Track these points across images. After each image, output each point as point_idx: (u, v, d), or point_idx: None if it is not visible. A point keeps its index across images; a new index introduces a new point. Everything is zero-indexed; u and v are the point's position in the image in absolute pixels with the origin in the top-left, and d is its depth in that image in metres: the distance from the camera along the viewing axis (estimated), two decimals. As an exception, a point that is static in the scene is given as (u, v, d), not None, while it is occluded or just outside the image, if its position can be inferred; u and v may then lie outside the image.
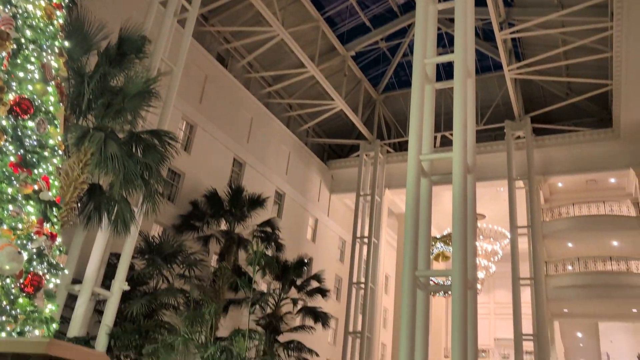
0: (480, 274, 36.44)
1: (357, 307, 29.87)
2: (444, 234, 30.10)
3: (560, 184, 32.89)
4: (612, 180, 31.86)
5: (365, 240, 30.72)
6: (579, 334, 36.10)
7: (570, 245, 31.33)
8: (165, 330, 14.90)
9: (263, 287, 26.25)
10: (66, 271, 11.72)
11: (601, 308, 29.89)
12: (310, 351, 23.98)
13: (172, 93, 17.58)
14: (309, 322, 25.25)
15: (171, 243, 17.94)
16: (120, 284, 14.51)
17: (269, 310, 24.15)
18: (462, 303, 10.63)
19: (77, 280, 14.37)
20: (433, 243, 31.02)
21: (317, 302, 26.10)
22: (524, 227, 28.32)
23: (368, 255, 30.29)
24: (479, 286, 36.16)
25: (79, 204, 12.93)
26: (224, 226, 23.48)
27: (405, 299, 11.20)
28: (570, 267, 30.05)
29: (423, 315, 11.58)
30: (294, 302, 25.28)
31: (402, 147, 33.34)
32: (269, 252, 24.54)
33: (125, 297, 15.35)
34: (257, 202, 23.55)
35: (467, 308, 10.70)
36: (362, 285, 29.77)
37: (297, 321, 25.45)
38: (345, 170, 34.18)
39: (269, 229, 24.10)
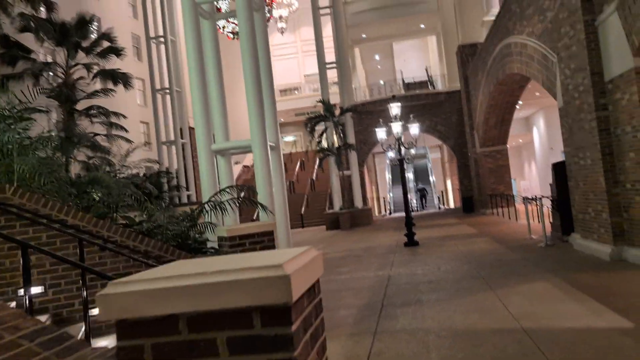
0: (284, 12, 35.91)
1: (160, 63, 28.17)
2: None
3: None
4: None
5: (157, -12, 27.57)
6: (377, 57, 38.84)
7: (365, -31, 31.33)
8: None
9: (48, 59, 23.07)
10: None
11: (394, 28, 31.69)
12: (117, 114, 22.69)
13: None
14: (111, 86, 23.38)
15: None
16: None
17: (60, 81, 21.68)
18: (248, 25, 9.88)
19: None
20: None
21: (116, 64, 23.88)
22: (320, -46, 27.21)
23: (162, 7, 27.54)
24: (284, 24, 35.82)
25: None
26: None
27: (189, 31, 10.12)
28: (366, -7, 30.51)
29: (212, 48, 10.74)
30: (88, 67, 22.81)
31: None
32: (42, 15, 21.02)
33: None
34: (4, -49, 18.92)
35: (254, 31, 10.01)
36: (162, 40, 27.66)
37: (98, 87, 23.38)
38: None
39: (31, -16, 20.04)
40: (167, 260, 5.41)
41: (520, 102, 21.33)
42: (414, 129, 14.81)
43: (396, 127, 14.05)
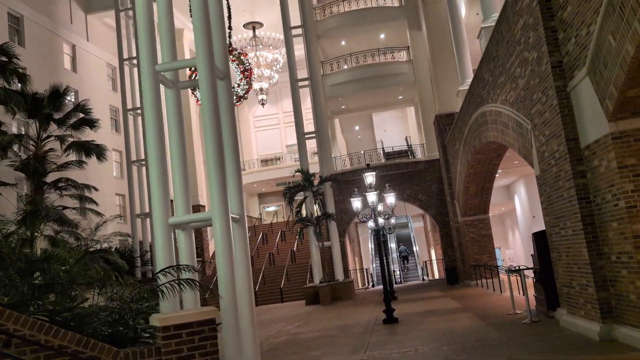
0: (265, 85, 36.28)
1: (137, 135, 27.90)
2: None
3: (330, -19, 32.37)
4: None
5: (135, 62, 27.71)
6: (357, 127, 39.09)
7: (343, 43, 32.00)
8: None
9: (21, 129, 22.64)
10: None
11: (373, 99, 32.02)
12: (87, 187, 22.02)
13: None
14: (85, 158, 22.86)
15: None
16: None
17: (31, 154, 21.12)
18: (211, 94, 9.49)
19: None
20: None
21: (92, 136, 23.57)
22: (298, 28, 27.76)
23: (139, 79, 27.52)
24: (264, 96, 36.09)
25: None
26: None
27: (148, 100, 9.70)
28: (345, 66, 30.96)
29: (175, 117, 10.30)
30: (61, 139, 22.33)
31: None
32: (13, 86, 20.74)
33: None
34: (-23, 25, 18.84)
35: (217, 100, 9.62)
36: (139, 111, 27.51)
37: (71, 159, 22.82)
38: (99, -17, 29.31)
39: (3, 58, 19.84)
40: (86, 357, 4.61)
41: (499, 171, 21.10)
42: (390, 198, 14.29)
43: (371, 196, 13.54)
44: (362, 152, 33.10)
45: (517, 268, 12.90)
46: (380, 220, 20.54)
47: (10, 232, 16.05)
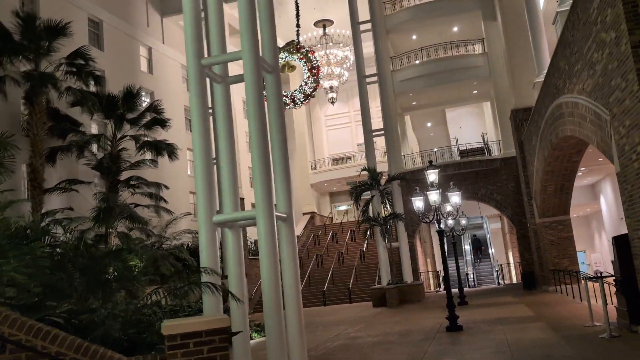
0: (335, 83, 35.93)
1: (214, 134, 28.30)
2: (287, 43, 28.09)
3: (400, -26, 31.44)
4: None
5: (206, 62, 28.17)
6: (429, 124, 37.82)
7: (414, 37, 30.98)
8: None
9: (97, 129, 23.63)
10: None
11: (446, 94, 30.75)
12: (158, 185, 22.57)
13: None
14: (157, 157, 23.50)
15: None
16: None
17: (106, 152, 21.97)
18: (256, 87, 9.16)
19: None
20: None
21: (167, 135, 24.24)
22: (366, 23, 27.14)
23: (211, 80, 27.94)
24: (334, 94, 35.70)
25: None
26: (29, 65, 19.78)
27: (193, 96, 9.53)
28: (417, 62, 29.96)
29: (224, 113, 10.10)
30: (136, 138, 23.05)
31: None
32: (91, 88, 21.64)
33: None
34: (57, 30, 19.72)
35: (259, 91, 9.27)
36: (210, 111, 27.88)
37: (146, 158, 23.53)
38: (173, -14, 30.09)
39: (80, 61, 20.70)
40: (86, 364, 4.33)
41: (581, 169, 19.47)
42: (455, 197, 13.41)
43: (433, 195, 12.71)
44: (435, 149, 31.93)
45: (597, 275, 11.65)
46: (450, 221, 19.54)
47: (84, 228, 16.53)
